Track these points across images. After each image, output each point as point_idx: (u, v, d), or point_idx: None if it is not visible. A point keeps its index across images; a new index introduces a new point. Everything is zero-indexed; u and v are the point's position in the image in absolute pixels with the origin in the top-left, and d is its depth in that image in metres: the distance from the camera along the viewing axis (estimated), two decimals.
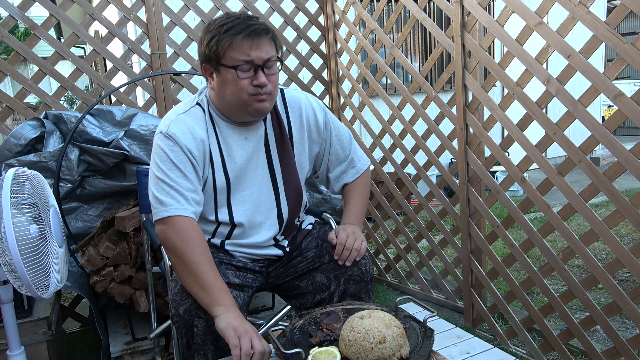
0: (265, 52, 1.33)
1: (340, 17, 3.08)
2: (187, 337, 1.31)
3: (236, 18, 1.35)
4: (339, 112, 3.28)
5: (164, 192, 1.34)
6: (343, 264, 1.47)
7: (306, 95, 1.58)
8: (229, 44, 1.32)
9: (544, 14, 1.90)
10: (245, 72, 1.33)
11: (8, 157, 2.15)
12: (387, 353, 1.10)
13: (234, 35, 1.31)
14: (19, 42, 2.35)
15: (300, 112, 1.53)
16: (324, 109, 1.58)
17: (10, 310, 1.54)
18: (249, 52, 1.32)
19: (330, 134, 1.58)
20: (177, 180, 1.35)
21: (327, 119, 1.57)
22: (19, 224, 1.39)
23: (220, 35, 1.33)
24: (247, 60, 1.32)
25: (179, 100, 2.75)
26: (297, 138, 1.53)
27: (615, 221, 1.79)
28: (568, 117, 1.88)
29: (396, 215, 2.99)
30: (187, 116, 1.42)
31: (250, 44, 1.31)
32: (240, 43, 1.31)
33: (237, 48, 1.31)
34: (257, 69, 1.33)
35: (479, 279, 2.43)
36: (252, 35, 1.32)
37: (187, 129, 1.39)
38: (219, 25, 1.34)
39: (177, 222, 1.32)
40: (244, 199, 1.48)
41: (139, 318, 2.27)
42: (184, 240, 1.30)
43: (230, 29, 1.32)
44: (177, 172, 1.35)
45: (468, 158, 2.37)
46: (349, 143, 1.62)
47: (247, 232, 1.49)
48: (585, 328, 1.95)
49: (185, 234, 1.31)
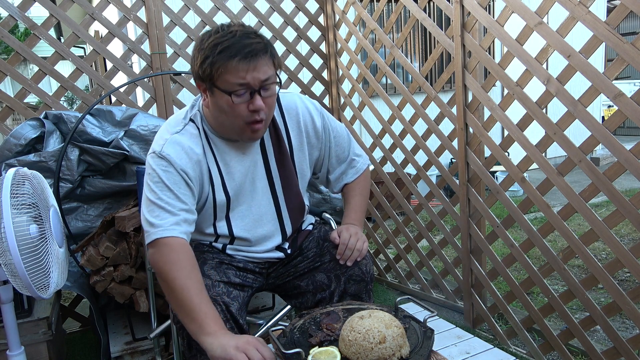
0: (263, 73, 1.24)
1: (340, 17, 3.08)
2: (189, 337, 1.31)
3: (231, 35, 1.23)
4: (339, 112, 3.28)
5: (153, 214, 1.29)
6: (344, 263, 1.47)
7: (302, 99, 1.52)
8: (223, 67, 1.21)
9: (544, 14, 1.90)
10: (241, 97, 1.25)
11: (8, 157, 2.15)
12: (387, 353, 1.10)
13: (229, 57, 1.21)
14: (19, 42, 2.35)
15: (298, 117, 1.49)
16: (320, 111, 1.54)
17: (10, 310, 1.54)
18: (245, 75, 1.22)
19: (329, 136, 1.55)
20: (168, 201, 1.29)
21: (324, 121, 1.54)
22: (19, 224, 1.38)
23: (214, 57, 1.22)
24: (242, 83, 1.23)
25: (179, 100, 2.75)
26: (297, 145, 1.50)
27: (615, 221, 1.79)
28: (568, 117, 1.88)
29: (396, 215, 2.99)
30: (182, 136, 1.36)
31: (247, 67, 1.22)
32: (235, 66, 1.21)
33: (232, 71, 1.22)
34: (253, 92, 1.25)
35: (479, 279, 2.43)
36: (249, 57, 1.21)
37: (183, 150, 1.33)
38: (212, 44, 1.22)
39: (164, 244, 1.26)
40: (242, 214, 1.46)
41: (139, 318, 2.27)
42: (169, 262, 1.24)
43: (224, 50, 1.21)
44: (169, 193, 1.30)
45: (468, 158, 2.37)
46: (348, 143, 1.61)
47: (250, 244, 1.49)
48: (585, 328, 1.95)
49: (171, 256, 1.25)
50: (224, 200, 1.42)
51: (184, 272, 1.23)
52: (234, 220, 1.46)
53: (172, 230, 1.27)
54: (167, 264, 1.24)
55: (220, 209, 1.44)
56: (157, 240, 1.27)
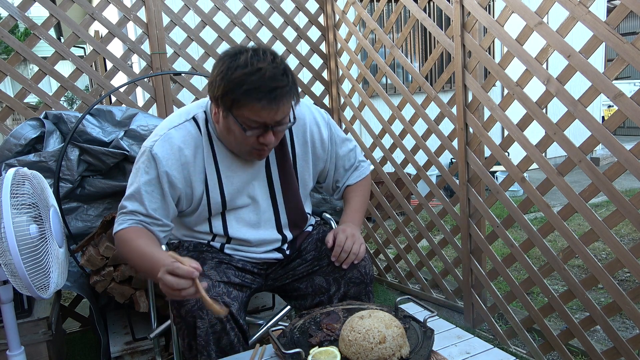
0: (281, 114, 1.25)
1: (340, 17, 3.08)
2: (189, 338, 1.31)
3: (259, 76, 1.19)
4: (339, 112, 3.28)
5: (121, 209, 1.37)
6: (340, 265, 1.46)
7: (310, 109, 1.52)
8: (245, 106, 1.22)
9: (544, 14, 1.90)
10: (254, 131, 1.26)
11: (8, 157, 2.15)
12: (387, 353, 1.10)
13: (253, 99, 1.20)
14: (19, 42, 2.35)
15: (305, 127, 1.48)
16: (328, 122, 1.53)
17: (10, 310, 1.54)
18: (265, 117, 1.23)
19: (334, 147, 1.55)
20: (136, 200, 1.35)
21: (331, 133, 1.54)
22: (19, 224, 1.38)
23: (238, 94, 1.20)
24: (260, 123, 1.25)
25: (179, 100, 2.76)
26: (300, 154, 1.50)
27: (615, 221, 1.79)
28: (568, 117, 1.88)
29: (396, 215, 2.99)
30: (177, 132, 1.36)
31: (269, 111, 1.22)
32: (258, 109, 1.21)
33: (253, 112, 1.22)
34: (267, 128, 1.27)
35: (479, 279, 2.43)
36: (272, 102, 1.21)
37: (171, 150, 1.34)
38: (238, 80, 1.19)
39: (117, 236, 1.36)
40: (239, 216, 1.47)
41: (139, 318, 2.27)
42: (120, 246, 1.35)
43: (250, 92, 1.19)
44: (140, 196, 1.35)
45: (468, 158, 2.37)
46: (354, 153, 1.61)
47: (248, 245, 1.50)
48: (585, 328, 1.95)
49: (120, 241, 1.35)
50: (219, 202, 1.43)
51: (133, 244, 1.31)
52: (229, 221, 1.46)
53: (123, 224, 1.35)
54: (124, 250, 1.35)
55: (215, 210, 1.44)
56: (116, 234, 1.37)
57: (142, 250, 1.28)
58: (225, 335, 1.31)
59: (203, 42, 2.80)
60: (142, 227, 1.35)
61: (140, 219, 1.35)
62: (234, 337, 1.33)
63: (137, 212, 1.35)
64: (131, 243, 1.31)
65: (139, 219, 1.35)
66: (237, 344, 1.34)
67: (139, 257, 1.29)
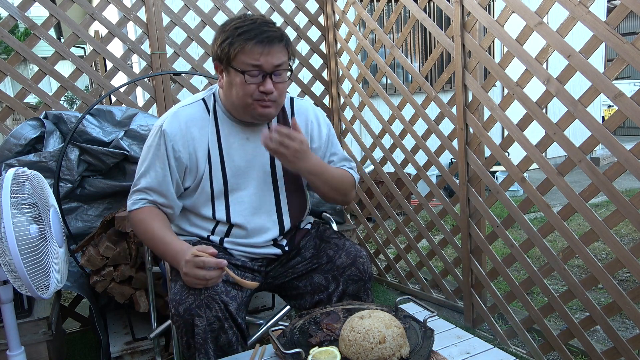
0: (276, 59, 1.35)
1: (340, 17, 3.08)
2: (188, 336, 1.32)
3: (252, 22, 1.35)
4: (339, 112, 3.28)
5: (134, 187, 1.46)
6: (339, 263, 1.48)
7: (314, 108, 1.61)
8: (240, 48, 1.32)
9: (544, 14, 1.91)
10: (253, 78, 1.35)
11: (8, 157, 2.15)
12: (387, 353, 1.10)
13: (246, 40, 1.32)
14: (19, 42, 2.35)
15: (307, 121, 1.56)
16: (328, 124, 1.61)
17: (10, 310, 1.54)
18: (259, 58, 1.33)
19: (328, 148, 1.59)
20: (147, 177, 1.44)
21: (329, 133, 1.60)
22: (19, 224, 1.38)
23: (233, 38, 1.33)
24: (256, 64, 1.33)
25: (179, 100, 2.75)
26: None
27: (615, 221, 1.79)
28: (568, 117, 1.88)
29: (396, 215, 2.99)
30: (185, 110, 1.46)
31: (262, 50, 1.32)
32: (251, 48, 1.32)
33: (248, 53, 1.33)
34: (265, 75, 1.35)
35: (479, 279, 2.43)
36: (265, 41, 1.32)
37: (179, 125, 1.43)
38: (233, 27, 1.35)
39: (132, 216, 1.46)
40: (241, 199, 1.49)
41: (139, 318, 2.27)
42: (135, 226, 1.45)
43: (243, 33, 1.33)
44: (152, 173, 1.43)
45: (468, 158, 2.37)
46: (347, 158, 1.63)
47: (246, 234, 1.50)
48: (585, 328, 1.95)
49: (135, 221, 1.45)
50: (221, 181, 1.46)
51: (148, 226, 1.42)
52: (232, 204, 1.48)
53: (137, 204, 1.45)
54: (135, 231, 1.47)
55: (217, 190, 1.47)
56: (128, 215, 1.47)
57: (158, 235, 1.39)
58: (223, 333, 1.32)
59: (203, 42, 2.80)
60: (154, 207, 1.44)
61: (153, 198, 1.44)
62: (232, 336, 1.33)
63: (149, 189, 1.43)
64: (146, 225, 1.42)
65: (151, 198, 1.44)
66: (235, 343, 1.34)
67: (154, 240, 1.40)
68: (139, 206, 1.44)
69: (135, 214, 1.45)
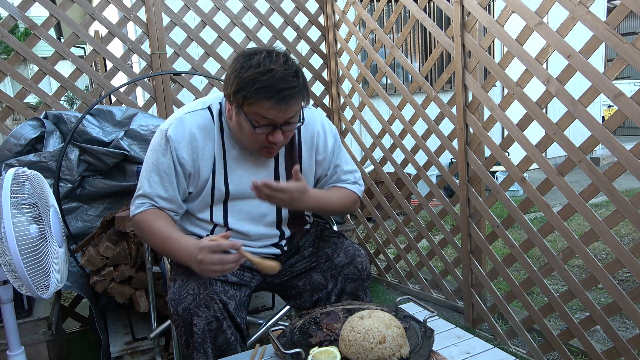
0: (289, 114, 1.30)
1: (340, 17, 3.08)
2: (186, 335, 1.32)
3: (271, 76, 1.24)
4: (339, 112, 3.28)
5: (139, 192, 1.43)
6: (337, 262, 1.47)
7: (322, 118, 1.56)
8: (255, 104, 1.27)
9: (544, 14, 1.90)
10: (263, 129, 1.31)
11: (8, 157, 2.15)
12: (387, 353, 1.10)
13: (263, 98, 1.25)
14: (19, 42, 2.35)
15: (313, 132, 1.52)
16: (335, 134, 1.57)
17: (10, 310, 1.54)
18: (274, 116, 1.28)
19: (333, 160, 1.55)
20: (152, 184, 1.41)
21: (335, 145, 1.56)
22: (19, 224, 1.38)
23: (249, 92, 1.26)
24: (269, 120, 1.29)
25: (179, 100, 2.76)
26: (306, 158, 1.52)
27: (615, 221, 1.79)
28: (568, 117, 1.88)
29: (396, 215, 2.99)
30: (192, 117, 1.42)
31: (278, 110, 1.27)
32: (267, 107, 1.26)
33: (262, 110, 1.27)
34: (276, 127, 1.31)
35: (479, 279, 2.43)
36: (282, 102, 1.26)
37: (184, 133, 1.40)
38: (250, 79, 1.25)
39: (135, 219, 1.42)
40: (240, 208, 1.48)
41: (139, 318, 2.27)
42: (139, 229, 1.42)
43: (261, 90, 1.25)
44: (156, 178, 1.40)
45: (468, 158, 2.37)
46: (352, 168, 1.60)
47: (245, 238, 1.50)
48: (585, 328, 1.95)
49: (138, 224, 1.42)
50: (223, 190, 1.45)
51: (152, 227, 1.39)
52: (230, 212, 1.47)
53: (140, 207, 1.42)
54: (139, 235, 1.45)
55: (217, 197, 1.46)
56: (132, 219, 1.44)
57: (164, 233, 1.36)
58: (222, 333, 1.32)
59: (203, 42, 2.80)
60: (157, 209, 1.41)
61: (156, 201, 1.41)
62: (230, 336, 1.33)
63: (152, 194, 1.41)
64: (151, 226, 1.38)
65: (154, 202, 1.41)
66: (233, 343, 1.34)
67: (160, 239, 1.36)
68: (142, 209, 1.41)
69: (138, 217, 1.41)
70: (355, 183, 1.59)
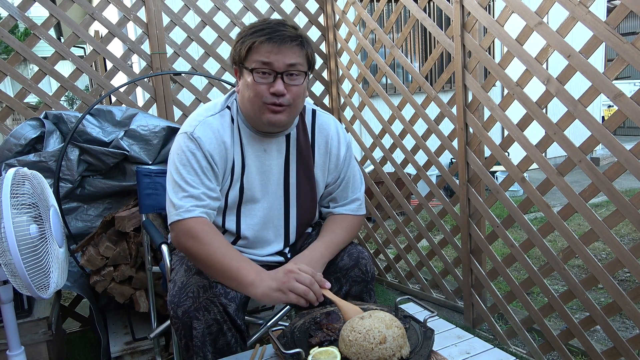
0: (288, 58, 1.28)
1: (340, 17, 3.08)
2: (186, 338, 1.31)
3: (267, 23, 1.32)
4: (339, 112, 3.28)
5: (178, 195, 1.32)
6: (341, 264, 1.45)
7: (336, 125, 1.53)
8: (250, 44, 1.29)
9: (544, 14, 1.90)
10: (264, 77, 1.29)
11: (8, 157, 2.15)
12: (387, 353, 1.10)
13: (257, 36, 1.28)
14: (19, 42, 2.35)
15: (327, 138, 1.50)
16: (348, 142, 1.54)
17: (10, 310, 1.54)
18: (269, 56, 1.27)
19: (345, 168, 1.54)
20: (193, 184, 1.32)
21: (347, 154, 1.53)
22: (19, 224, 1.38)
23: (246, 37, 1.30)
24: (265, 62, 1.28)
25: (179, 100, 2.76)
26: (319, 163, 1.50)
27: (615, 221, 1.79)
28: (568, 117, 1.88)
29: (396, 215, 2.99)
30: (215, 119, 1.38)
31: (271, 48, 1.27)
32: (261, 45, 1.28)
33: (258, 50, 1.28)
34: (276, 75, 1.29)
35: (479, 279, 2.43)
36: (276, 39, 1.27)
37: (213, 134, 1.36)
38: (249, 27, 1.33)
39: (186, 224, 1.29)
40: (253, 213, 1.46)
41: (139, 318, 2.27)
42: (193, 238, 1.28)
43: (256, 32, 1.29)
44: (195, 178, 1.33)
45: (468, 158, 2.37)
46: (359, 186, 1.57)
47: (252, 246, 1.49)
48: (585, 328, 1.95)
49: (193, 232, 1.28)
50: (237, 193, 1.42)
51: (206, 240, 1.27)
52: (243, 217, 1.46)
53: (192, 212, 1.30)
54: (191, 240, 1.28)
55: (231, 202, 1.43)
56: (178, 223, 1.30)
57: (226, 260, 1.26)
58: (222, 336, 1.31)
59: (203, 42, 2.80)
60: (206, 219, 1.32)
61: (205, 203, 1.32)
62: (230, 338, 1.33)
63: (197, 195, 1.31)
64: (207, 245, 1.27)
65: (203, 203, 1.32)
66: (234, 345, 1.34)
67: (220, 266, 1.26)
68: (193, 215, 1.29)
69: (190, 226, 1.28)
70: (359, 209, 1.56)
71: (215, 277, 1.30)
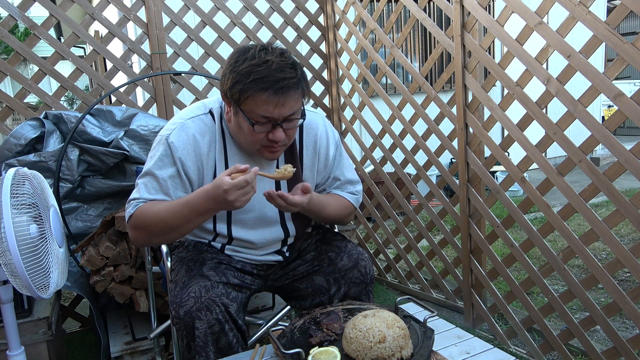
0: (289, 109, 1.24)
1: (340, 17, 3.08)
2: (188, 338, 1.31)
3: (266, 67, 1.21)
4: (339, 112, 3.28)
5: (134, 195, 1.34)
6: (340, 266, 1.45)
7: (325, 123, 1.51)
8: (252, 97, 1.21)
9: (544, 14, 1.90)
10: (263, 126, 1.26)
11: (8, 157, 2.16)
12: (385, 353, 1.10)
13: (259, 89, 1.20)
14: (19, 42, 2.35)
15: (315, 139, 1.48)
16: (337, 141, 1.52)
17: (10, 310, 1.54)
18: (272, 110, 1.23)
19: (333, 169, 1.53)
20: (152, 191, 1.33)
21: (337, 152, 1.52)
22: (19, 224, 1.38)
23: (245, 85, 1.21)
24: (267, 116, 1.24)
25: (179, 101, 2.76)
26: (308, 164, 1.49)
27: (615, 221, 1.79)
28: (568, 117, 1.88)
29: (396, 215, 2.99)
30: (194, 123, 1.36)
31: (276, 103, 1.22)
32: (264, 100, 1.21)
33: (259, 104, 1.22)
34: (275, 124, 1.26)
35: (479, 279, 2.43)
36: (279, 93, 1.21)
37: (187, 139, 1.34)
38: (246, 71, 1.21)
39: (130, 224, 1.33)
40: (245, 221, 1.45)
41: (139, 318, 2.28)
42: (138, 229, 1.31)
43: (257, 81, 1.20)
44: (155, 184, 1.33)
45: (468, 158, 2.37)
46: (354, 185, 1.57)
47: (248, 247, 1.49)
48: (585, 328, 1.95)
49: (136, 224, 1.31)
50: None
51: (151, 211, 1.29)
52: (234, 224, 1.45)
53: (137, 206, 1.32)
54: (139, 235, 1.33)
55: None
56: (130, 218, 1.32)
57: (170, 205, 1.28)
58: (224, 336, 1.31)
59: (203, 42, 2.80)
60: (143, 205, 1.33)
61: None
62: (232, 338, 1.33)
63: (148, 198, 1.32)
64: (151, 212, 1.28)
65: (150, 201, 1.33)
66: (235, 345, 1.34)
67: (171, 213, 1.27)
68: (136, 208, 1.31)
69: (135, 214, 1.31)
70: (353, 193, 1.55)
71: (184, 230, 1.30)
